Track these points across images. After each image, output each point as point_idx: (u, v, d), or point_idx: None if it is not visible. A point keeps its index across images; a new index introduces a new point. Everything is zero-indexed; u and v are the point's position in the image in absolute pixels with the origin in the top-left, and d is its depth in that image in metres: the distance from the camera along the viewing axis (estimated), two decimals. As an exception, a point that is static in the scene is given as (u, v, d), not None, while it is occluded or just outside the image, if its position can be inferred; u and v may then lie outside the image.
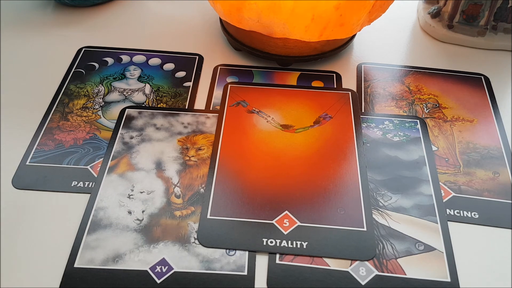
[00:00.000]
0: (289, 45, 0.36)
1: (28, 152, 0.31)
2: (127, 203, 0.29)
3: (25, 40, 0.41)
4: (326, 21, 0.32)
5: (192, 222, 0.28)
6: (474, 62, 0.39)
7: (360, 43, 0.41)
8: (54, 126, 0.33)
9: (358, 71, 0.38)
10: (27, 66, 0.38)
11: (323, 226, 0.27)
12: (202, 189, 0.29)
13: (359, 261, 0.26)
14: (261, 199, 0.29)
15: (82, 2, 0.43)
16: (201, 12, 0.45)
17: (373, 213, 0.28)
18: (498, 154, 0.32)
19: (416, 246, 0.27)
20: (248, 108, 0.34)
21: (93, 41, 0.41)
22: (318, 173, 0.30)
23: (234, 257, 0.26)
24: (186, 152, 0.32)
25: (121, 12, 0.44)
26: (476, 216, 0.28)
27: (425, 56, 0.40)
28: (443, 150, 0.32)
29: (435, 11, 0.42)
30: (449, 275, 0.26)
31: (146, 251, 0.26)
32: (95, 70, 0.38)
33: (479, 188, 0.30)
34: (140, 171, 0.30)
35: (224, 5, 0.33)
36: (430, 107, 0.35)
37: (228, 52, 0.40)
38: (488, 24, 0.40)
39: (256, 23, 0.33)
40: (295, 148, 0.32)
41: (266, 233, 0.27)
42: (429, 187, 0.30)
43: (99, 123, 0.34)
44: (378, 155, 0.32)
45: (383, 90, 0.37)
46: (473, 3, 0.39)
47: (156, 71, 0.38)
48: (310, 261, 0.26)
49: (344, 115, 0.34)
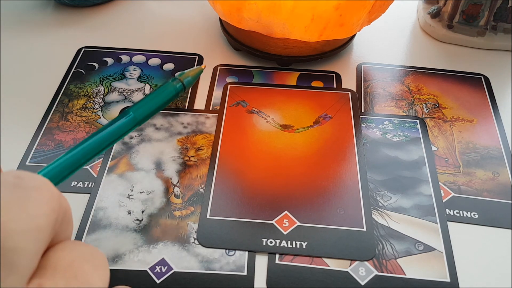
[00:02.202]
0: (289, 45, 0.36)
1: (27, 152, 0.31)
2: (126, 203, 0.29)
3: (24, 40, 0.41)
4: (326, 21, 0.32)
5: (191, 222, 0.28)
6: (474, 62, 0.39)
7: (360, 43, 0.41)
8: (54, 126, 0.33)
9: (358, 71, 0.38)
10: (27, 66, 0.38)
11: (323, 226, 0.27)
12: (202, 189, 0.29)
13: (359, 261, 0.26)
14: (261, 199, 0.29)
15: (82, 2, 0.43)
16: (201, 12, 0.45)
17: (373, 213, 0.28)
18: (498, 154, 0.32)
19: (415, 246, 0.27)
20: (248, 108, 0.34)
21: (93, 41, 0.41)
22: (318, 173, 0.30)
23: (234, 257, 0.26)
24: (185, 152, 0.32)
25: (121, 12, 0.44)
26: (476, 216, 0.28)
27: (425, 56, 0.40)
28: (442, 150, 0.32)
29: (435, 11, 0.42)
30: (448, 275, 0.26)
31: (145, 251, 0.26)
32: (95, 70, 0.38)
33: (478, 188, 0.30)
34: (140, 171, 0.30)
35: (224, 5, 0.33)
36: (430, 107, 0.35)
37: (228, 52, 0.40)
38: (488, 24, 0.40)
39: (256, 23, 0.33)
40: (295, 148, 0.32)
41: (266, 233, 0.27)
42: (428, 187, 0.30)
43: (99, 123, 0.34)
44: (377, 155, 0.32)
45: (383, 90, 0.37)
46: (473, 3, 0.39)
47: (156, 71, 0.38)
48: (309, 261, 0.26)
49: (344, 115, 0.34)
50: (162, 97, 0.26)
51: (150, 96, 0.26)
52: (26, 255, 0.15)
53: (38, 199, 0.16)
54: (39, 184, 0.16)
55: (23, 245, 0.15)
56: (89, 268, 0.17)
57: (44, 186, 0.16)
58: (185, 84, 0.27)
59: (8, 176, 0.16)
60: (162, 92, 0.26)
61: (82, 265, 0.16)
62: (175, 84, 0.27)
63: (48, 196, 0.16)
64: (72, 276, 0.16)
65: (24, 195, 0.15)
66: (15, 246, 0.14)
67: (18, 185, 0.16)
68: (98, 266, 0.17)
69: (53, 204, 0.16)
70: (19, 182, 0.16)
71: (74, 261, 0.16)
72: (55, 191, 0.17)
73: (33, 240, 0.15)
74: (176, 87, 0.27)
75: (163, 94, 0.26)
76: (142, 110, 0.25)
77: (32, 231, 0.15)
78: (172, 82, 0.27)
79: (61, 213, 0.17)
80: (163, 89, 0.27)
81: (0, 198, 0.15)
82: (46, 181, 0.17)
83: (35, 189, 0.16)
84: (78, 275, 0.16)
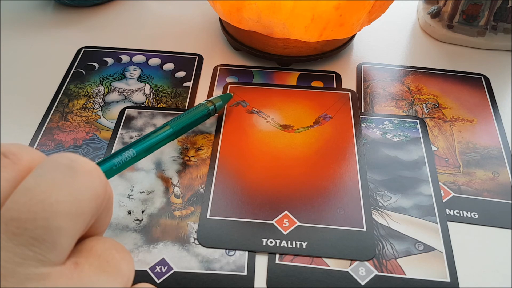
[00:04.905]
0: (289, 45, 0.36)
1: (28, 152, 0.31)
2: (126, 203, 0.29)
3: (24, 40, 0.41)
4: (326, 21, 0.32)
5: (191, 222, 0.28)
6: (474, 62, 0.39)
7: (360, 43, 0.41)
8: (54, 126, 0.33)
9: (358, 71, 0.38)
10: (27, 66, 0.38)
11: (323, 226, 0.27)
12: (202, 189, 0.29)
13: (359, 261, 0.26)
14: (261, 199, 0.29)
15: (82, 2, 0.43)
16: (201, 12, 0.45)
17: (373, 213, 0.28)
18: (498, 154, 0.32)
19: (415, 246, 0.27)
20: (248, 108, 0.34)
21: (93, 41, 0.41)
22: (318, 173, 0.30)
23: (234, 257, 0.26)
24: (185, 152, 0.32)
25: (121, 12, 0.44)
26: (476, 216, 0.28)
27: (425, 56, 0.40)
28: (442, 150, 0.32)
29: (435, 11, 0.42)
30: (448, 275, 0.26)
31: (145, 251, 0.26)
32: (95, 70, 0.38)
33: (478, 188, 0.30)
34: (140, 171, 0.30)
35: (224, 5, 0.33)
36: (430, 107, 0.35)
37: (228, 52, 0.40)
38: (488, 24, 0.40)
39: (256, 23, 0.33)
40: (295, 148, 0.32)
41: (266, 233, 0.27)
42: (428, 187, 0.30)
43: (99, 123, 0.34)
44: (377, 155, 0.32)
45: (383, 90, 0.37)
46: (473, 3, 0.39)
47: (156, 71, 0.38)
48: (309, 261, 0.26)
49: (344, 115, 0.34)
50: (194, 114, 0.31)
51: (185, 113, 0.30)
52: (68, 235, 0.16)
53: (87, 184, 0.17)
54: (89, 169, 0.17)
55: (67, 226, 0.16)
56: (120, 257, 0.18)
57: (95, 172, 0.18)
58: (216, 107, 0.32)
59: (62, 158, 0.17)
60: (195, 110, 0.31)
61: (113, 253, 0.18)
62: (207, 105, 0.31)
63: (97, 181, 0.17)
64: (104, 261, 0.18)
65: (75, 178, 0.17)
66: (60, 225, 0.16)
67: (71, 167, 0.17)
68: (127, 257, 0.19)
69: (100, 190, 0.17)
70: (72, 165, 0.17)
71: (106, 249, 0.18)
72: (103, 178, 0.18)
73: (77, 222, 0.16)
74: (208, 107, 0.31)
75: (196, 112, 0.31)
76: (178, 124, 0.29)
77: (77, 214, 0.16)
78: (205, 104, 0.31)
79: (106, 199, 0.18)
80: (196, 108, 0.31)
81: (52, 178, 0.16)
82: (97, 167, 0.18)
83: (86, 173, 0.17)
84: (110, 261, 0.18)
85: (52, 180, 0.16)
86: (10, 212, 0.15)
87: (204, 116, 0.31)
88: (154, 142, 0.28)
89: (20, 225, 0.15)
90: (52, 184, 0.16)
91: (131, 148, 0.26)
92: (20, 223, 0.15)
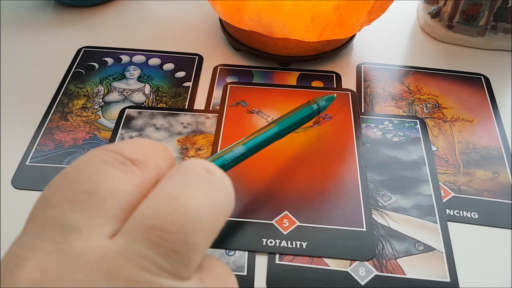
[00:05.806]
0: (289, 45, 0.36)
1: (27, 152, 0.31)
2: (126, 203, 0.29)
3: (24, 40, 0.41)
4: (326, 21, 0.32)
5: (191, 222, 0.28)
6: (474, 62, 0.39)
7: (360, 43, 0.41)
8: (54, 126, 0.33)
9: (358, 71, 0.38)
10: (27, 66, 0.38)
11: (323, 226, 0.27)
12: (202, 189, 0.29)
13: (359, 261, 0.26)
14: (261, 199, 0.29)
15: (82, 2, 0.43)
16: (201, 12, 0.45)
17: (373, 213, 0.28)
18: (498, 154, 0.32)
19: (415, 246, 0.27)
20: (247, 108, 0.34)
21: (93, 41, 0.41)
22: (318, 173, 0.30)
23: (234, 257, 0.26)
24: (185, 152, 0.32)
25: (121, 12, 0.44)
26: (476, 216, 0.28)
27: (425, 56, 0.40)
28: (442, 150, 0.32)
29: (435, 11, 0.42)
30: (448, 275, 0.26)
31: (145, 251, 0.26)
32: (95, 70, 0.38)
33: (478, 188, 0.30)
34: (140, 171, 0.30)
35: (224, 5, 0.33)
36: (430, 107, 0.35)
37: (228, 52, 0.40)
38: (488, 24, 0.40)
39: (256, 23, 0.33)
40: (295, 148, 0.32)
41: (266, 233, 0.27)
42: (428, 187, 0.30)
43: (99, 123, 0.34)
44: (377, 155, 0.32)
45: (383, 90, 0.37)
46: (473, 3, 0.39)
47: (156, 71, 0.38)
48: (309, 261, 0.26)
49: (344, 115, 0.34)
50: (299, 114, 0.29)
51: (291, 113, 0.29)
52: (201, 252, 0.16)
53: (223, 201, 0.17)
54: (226, 184, 0.17)
55: (203, 243, 0.16)
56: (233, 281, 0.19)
57: (229, 188, 0.17)
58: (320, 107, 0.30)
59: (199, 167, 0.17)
60: (300, 110, 0.30)
61: (228, 277, 0.18)
62: (311, 105, 0.30)
63: (230, 197, 0.17)
64: (222, 283, 0.18)
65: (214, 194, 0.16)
66: (197, 241, 0.16)
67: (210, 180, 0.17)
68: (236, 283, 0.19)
69: (232, 207, 0.17)
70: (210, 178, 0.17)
71: (224, 272, 0.18)
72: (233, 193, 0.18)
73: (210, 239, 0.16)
74: (312, 107, 0.30)
75: (301, 112, 0.29)
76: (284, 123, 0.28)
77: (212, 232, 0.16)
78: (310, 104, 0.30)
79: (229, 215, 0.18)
80: (301, 107, 0.30)
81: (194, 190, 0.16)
82: (230, 182, 0.17)
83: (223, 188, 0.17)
84: (226, 283, 0.18)
85: (195, 192, 0.16)
86: (152, 220, 0.15)
87: (309, 116, 0.30)
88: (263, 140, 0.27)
89: (162, 235, 0.15)
90: (194, 197, 0.16)
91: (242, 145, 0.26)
92: (162, 233, 0.15)
